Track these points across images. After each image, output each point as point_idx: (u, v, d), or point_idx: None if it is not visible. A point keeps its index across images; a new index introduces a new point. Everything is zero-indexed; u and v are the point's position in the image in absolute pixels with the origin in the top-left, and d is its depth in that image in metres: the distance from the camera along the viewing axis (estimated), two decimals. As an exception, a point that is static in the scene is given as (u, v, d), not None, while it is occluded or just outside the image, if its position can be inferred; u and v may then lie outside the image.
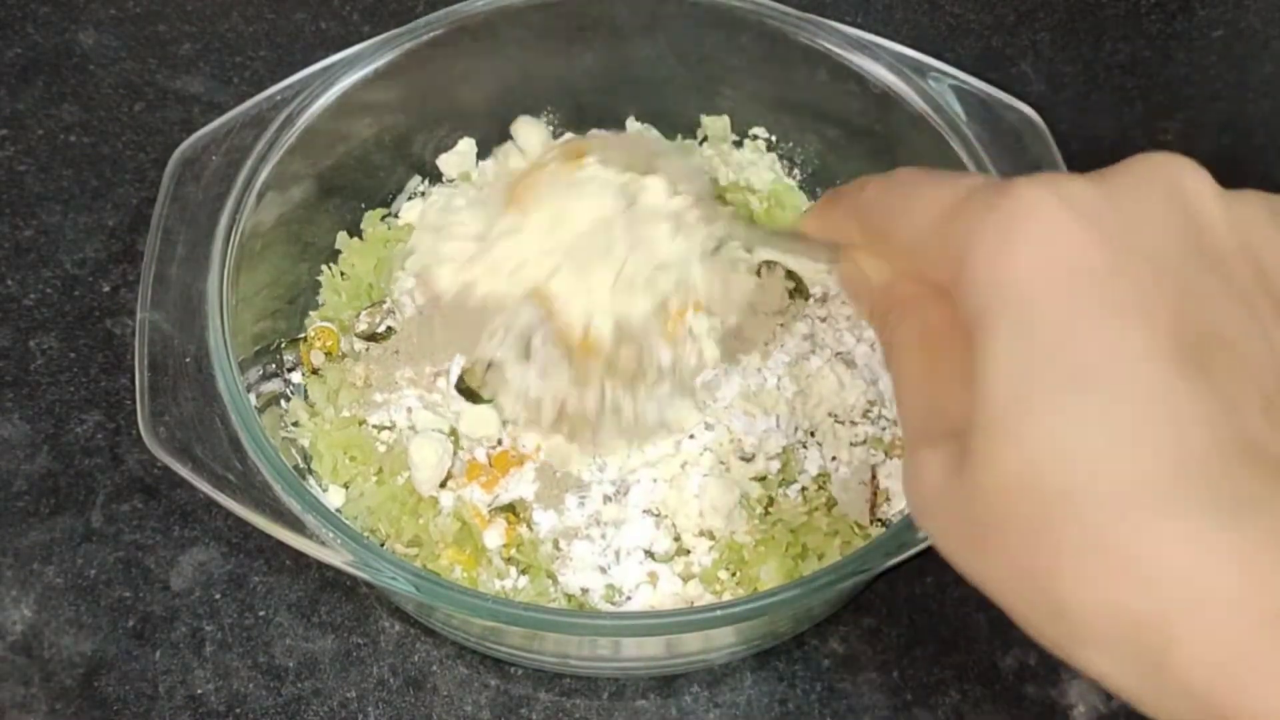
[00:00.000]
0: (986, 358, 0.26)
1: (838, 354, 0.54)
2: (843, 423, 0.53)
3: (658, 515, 0.50)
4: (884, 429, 0.53)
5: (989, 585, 0.26)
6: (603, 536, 0.50)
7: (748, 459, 0.51)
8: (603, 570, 0.50)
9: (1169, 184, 0.27)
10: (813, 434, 0.52)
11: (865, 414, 0.53)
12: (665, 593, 0.49)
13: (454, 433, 0.52)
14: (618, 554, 0.50)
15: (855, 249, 0.33)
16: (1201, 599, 0.23)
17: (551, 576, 0.50)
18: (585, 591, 0.49)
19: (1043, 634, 0.26)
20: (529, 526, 0.50)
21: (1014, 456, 0.25)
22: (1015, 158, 0.55)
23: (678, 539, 0.50)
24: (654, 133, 0.63)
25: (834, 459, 0.52)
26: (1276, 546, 0.23)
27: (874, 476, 0.51)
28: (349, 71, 0.56)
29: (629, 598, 0.49)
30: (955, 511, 0.27)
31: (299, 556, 0.49)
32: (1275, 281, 0.27)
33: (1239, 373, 0.25)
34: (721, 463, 0.51)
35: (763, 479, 0.51)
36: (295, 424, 0.54)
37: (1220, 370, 0.25)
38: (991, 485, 0.25)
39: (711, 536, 0.50)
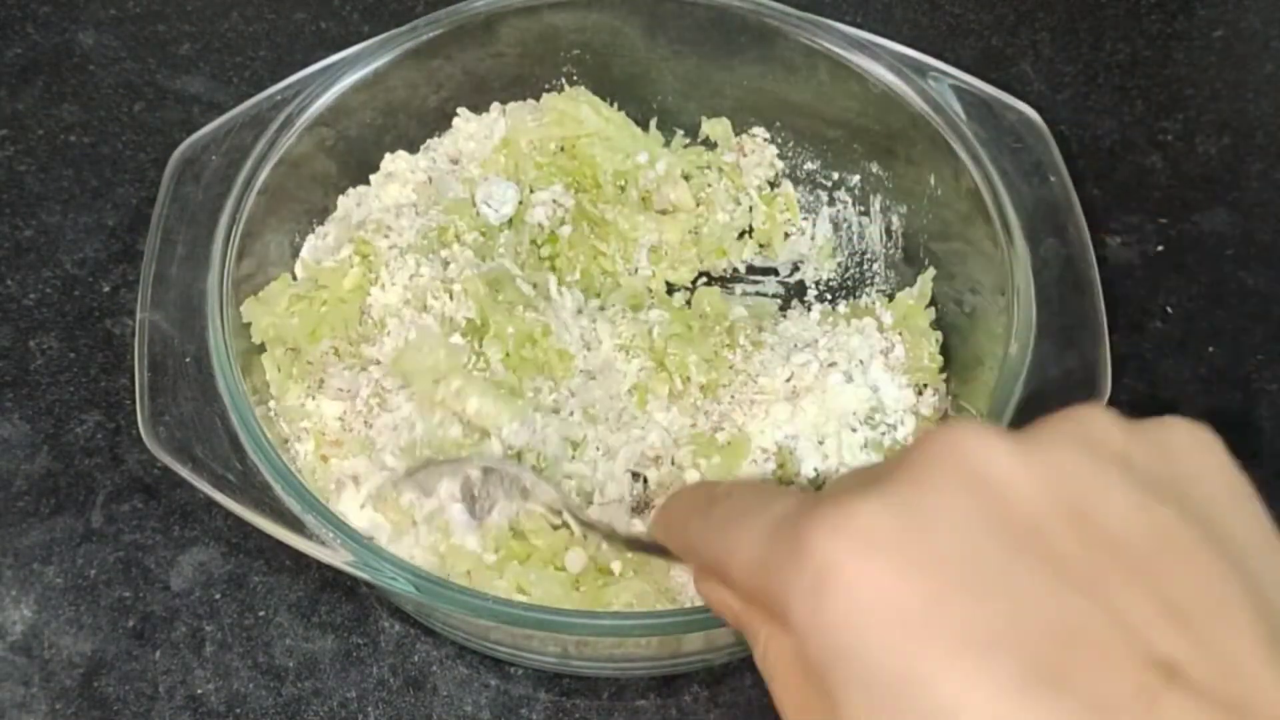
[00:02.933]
0: (843, 714, 0.25)
1: (832, 364, 0.54)
2: (845, 428, 0.53)
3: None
4: (884, 434, 0.53)
5: None
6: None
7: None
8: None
9: (958, 471, 0.25)
10: (821, 442, 0.52)
11: (867, 420, 0.53)
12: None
13: None
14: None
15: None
16: None
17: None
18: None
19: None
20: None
21: None
22: (1015, 158, 0.55)
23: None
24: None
25: (826, 459, 0.52)
26: None
27: None
28: (349, 71, 0.56)
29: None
30: None
31: (299, 556, 0.49)
32: (1112, 532, 0.24)
33: (1101, 667, 0.23)
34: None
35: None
36: None
37: (1081, 673, 0.23)
38: None
39: None
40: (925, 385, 0.55)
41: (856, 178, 0.62)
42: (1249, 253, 0.64)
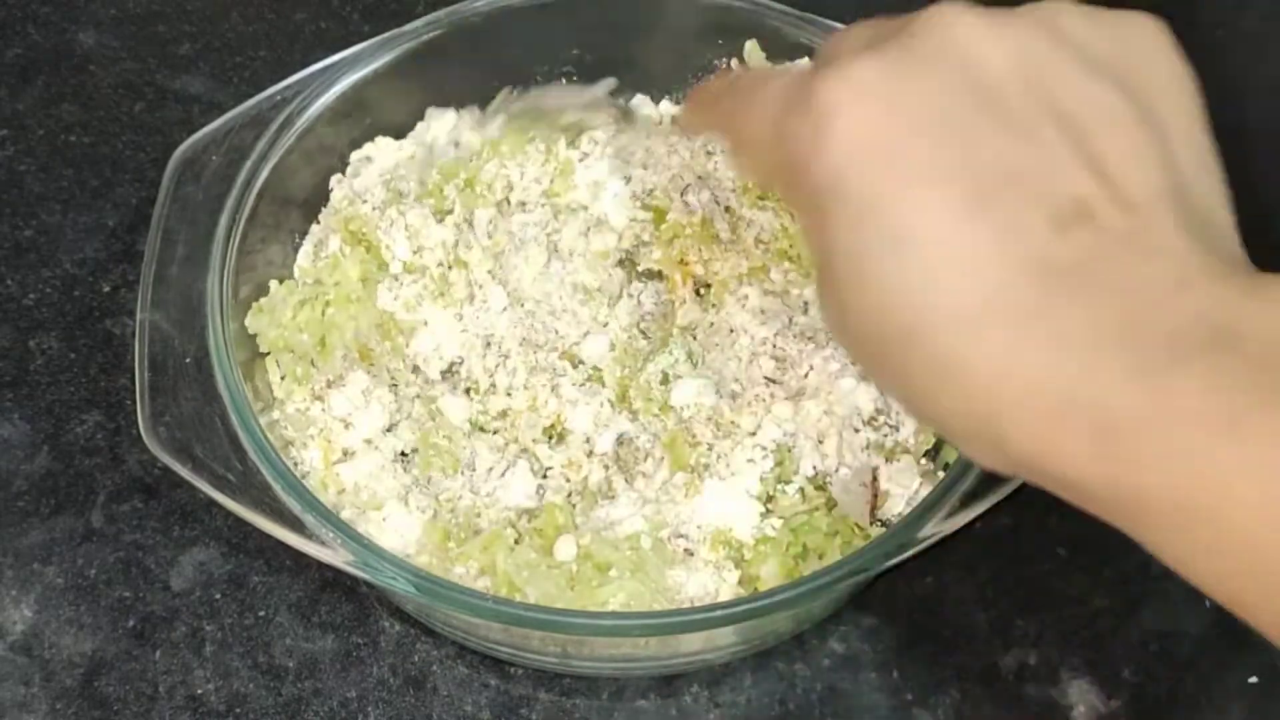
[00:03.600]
0: (829, 235, 0.31)
1: (852, 363, 0.54)
2: (848, 428, 0.53)
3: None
4: (886, 435, 0.53)
5: (883, 392, 0.34)
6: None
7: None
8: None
9: (943, 43, 0.31)
10: (821, 441, 0.52)
11: (870, 420, 0.53)
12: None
13: None
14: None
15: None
16: (1017, 398, 0.28)
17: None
18: None
19: (931, 429, 0.33)
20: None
21: (863, 312, 0.31)
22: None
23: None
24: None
25: (826, 458, 0.52)
26: (1059, 348, 0.28)
27: (875, 479, 0.51)
28: (349, 71, 0.56)
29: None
30: (850, 344, 0.33)
31: (299, 556, 0.49)
32: (1060, 99, 0.30)
33: (1025, 199, 0.29)
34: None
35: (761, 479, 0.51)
36: None
37: (1008, 202, 0.29)
38: (853, 327, 0.32)
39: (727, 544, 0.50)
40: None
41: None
42: (1249, 253, 0.64)
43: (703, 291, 0.56)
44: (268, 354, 0.54)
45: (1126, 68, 0.31)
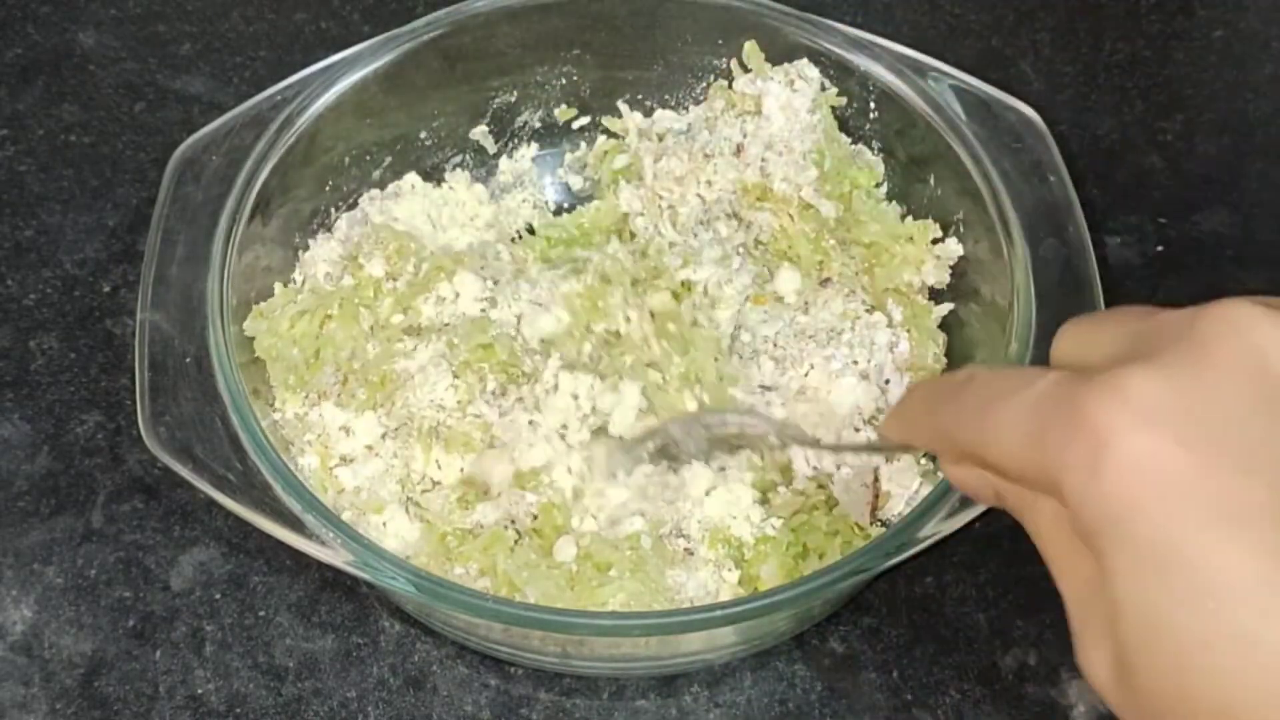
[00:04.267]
0: (1110, 580, 0.26)
1: (854, 362, 0.54)
2: (848, 427, 0.53)
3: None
4: None
5: None
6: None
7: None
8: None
9: (1236, 350, 0.26)
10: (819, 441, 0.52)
11: (870, 420, 0.53)
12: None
13: None
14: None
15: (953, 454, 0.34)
16: None
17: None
18: None
19: None
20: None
21: (1157, 675, 0.26)
22: (1015, 157, 0.55)
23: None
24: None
25: (824, 457, 0.52)
26: None
27: (876, 479, 0.51)
28: (349, 71, 0.56)
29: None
30: (1131, 708, 0.28)
31: (299, 556, 0.49)
32: None
33: None
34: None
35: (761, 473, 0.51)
36: None
37: None
38: (1148, 694, 0.26)
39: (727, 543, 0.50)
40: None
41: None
42: (1249, 253, 0.64)
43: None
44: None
45: None
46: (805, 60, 0.59)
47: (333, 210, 0.59)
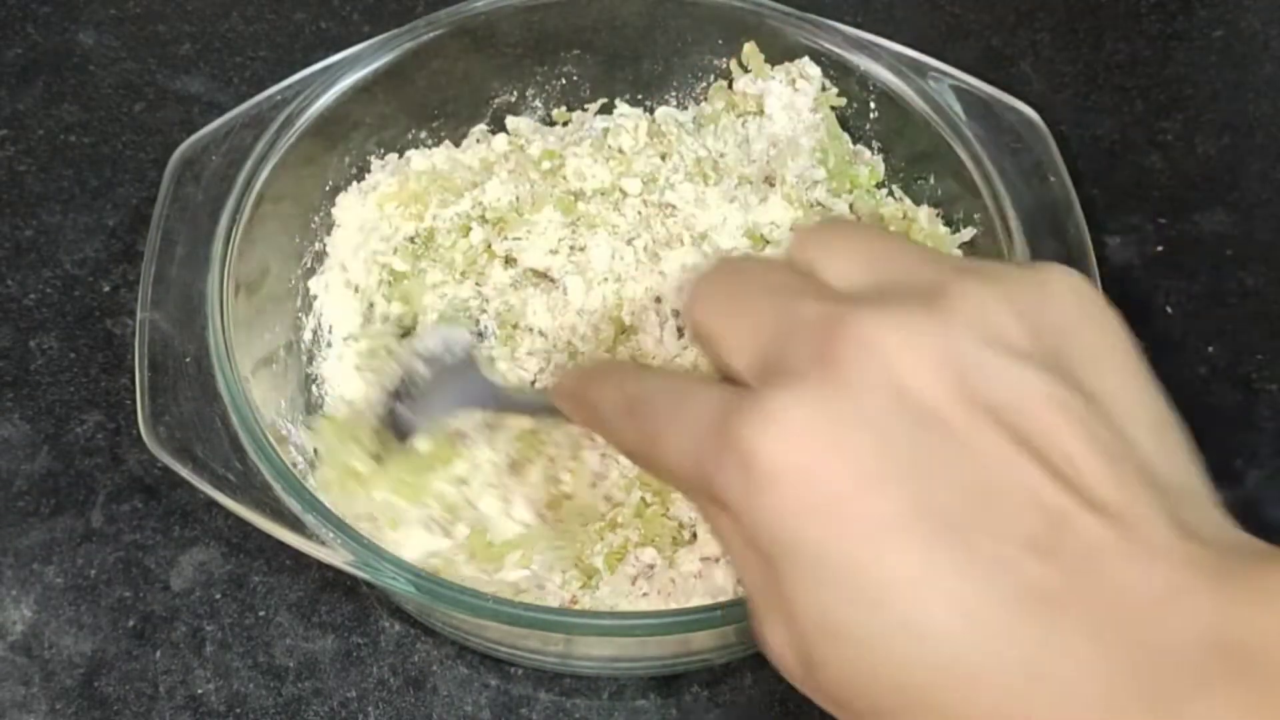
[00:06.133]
0: (784, 585, 0.28)
1: None
2: None
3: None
4: None
5: None
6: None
7: None
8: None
9: (868, 368, 0.28)
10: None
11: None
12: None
13: None
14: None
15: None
16: None
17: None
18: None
19: None
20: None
21: (838, 665, 0.28)
22: (1015, 157, 0.55)
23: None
24: None
25: None
26: (1074, 699, 0.25)
27: None
28: (349, 71, 0.56)
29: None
30: (814, 690, 0.29)
31: (299, 556, 0.49)
32: (1000, 405, 0.27)
33: (996, 526, 0.26)
34: None
35: None
36: None
37: (981, 534, 0.26)
38: (831, 681, 0.28)
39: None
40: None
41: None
42: (1249, 253, 0.64)
43: None
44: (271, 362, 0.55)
45: (1055, 340, 0.29)
46: (806, 59, 0.59)
47: (331, 209, 0.59)
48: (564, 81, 0.62)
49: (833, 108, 0.59)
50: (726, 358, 0.31)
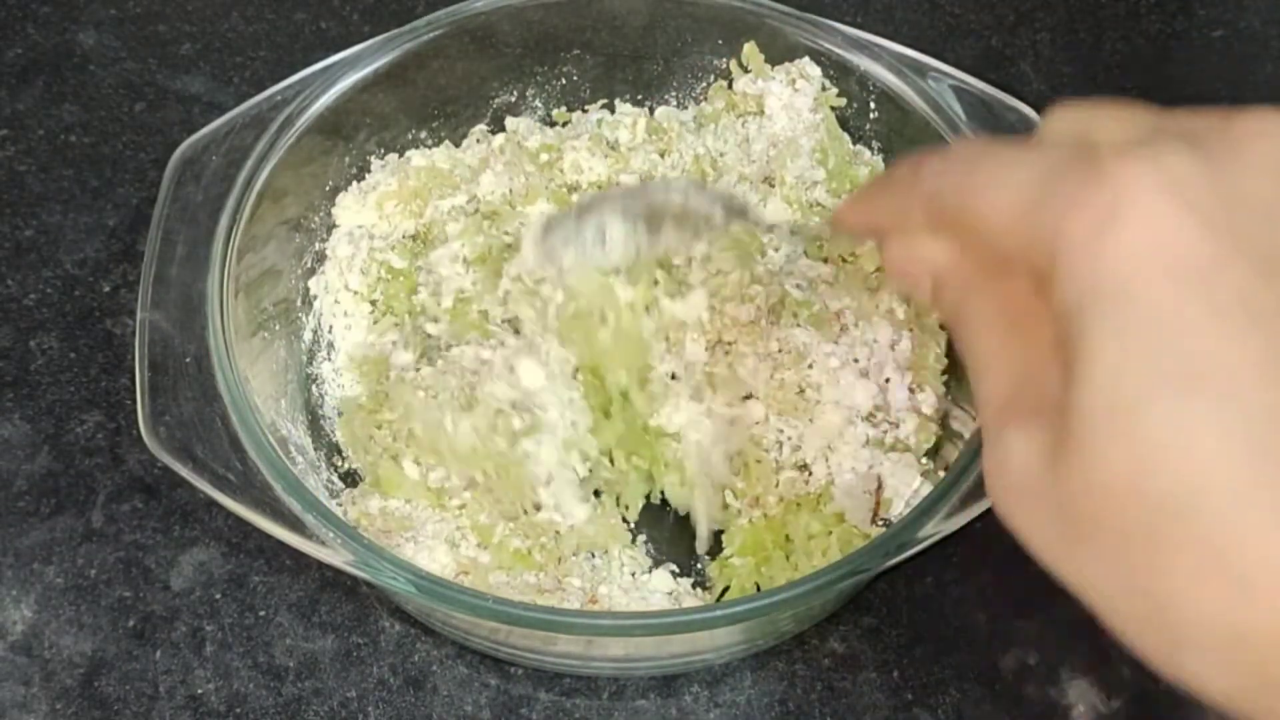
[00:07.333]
0: (1089, 353, 0.24)
1: (854, 360, 0.54)
2: (848, 425, 0.53)
3: None
4: (885, 432, 0.53)
5: (1081, 584, 0.26)
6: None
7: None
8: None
9: (1276, 153, 0.25)
10: (831, 449, 0.52)
11: (868, 417, 0.53)
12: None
13: None
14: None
15: (907, 232, 0.32)
16: None
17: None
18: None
19: (1137, 637, 0.25)
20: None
21: (1121, 457, 0.24)
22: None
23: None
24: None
25: (832, 453, 0.52)
26: None
27: (880, 486, 0.51)
28: (349, 71, 0.56)
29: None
30: (1048, 505, 0.26)
31: (299, 556, 0.49)
32: None
33: None
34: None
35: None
36: None
37: None
38: (1095, 483, 0.24)
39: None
40: (925, 385, 0.55)
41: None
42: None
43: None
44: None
45: None
46: (806, 59, 0.59)
47: (331, 208, 0.59)
48: (564, 81, 0.62)
49: (833, 108, 0.59)
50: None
